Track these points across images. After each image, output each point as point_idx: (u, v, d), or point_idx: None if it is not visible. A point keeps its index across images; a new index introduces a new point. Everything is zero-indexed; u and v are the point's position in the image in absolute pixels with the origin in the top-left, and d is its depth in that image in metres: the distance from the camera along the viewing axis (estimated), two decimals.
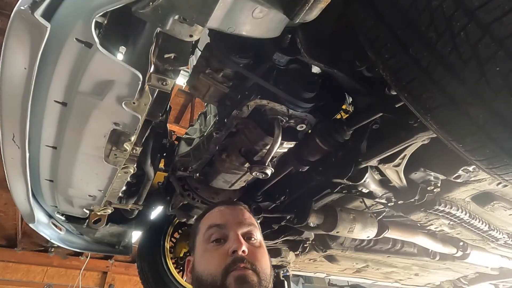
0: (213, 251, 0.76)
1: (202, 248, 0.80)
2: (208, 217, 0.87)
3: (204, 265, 0.76)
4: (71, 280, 4.95)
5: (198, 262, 0.79)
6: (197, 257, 0.81)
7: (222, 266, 0.71)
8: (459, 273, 2.48)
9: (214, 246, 0.78)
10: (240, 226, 0.81)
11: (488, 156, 0.65)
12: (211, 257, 0.76)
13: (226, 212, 0.86)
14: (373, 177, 1.30)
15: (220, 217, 0.84)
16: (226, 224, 0.80)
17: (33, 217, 1.42)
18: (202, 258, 0.79)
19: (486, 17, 0.54)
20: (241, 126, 1.26)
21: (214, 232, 0.80)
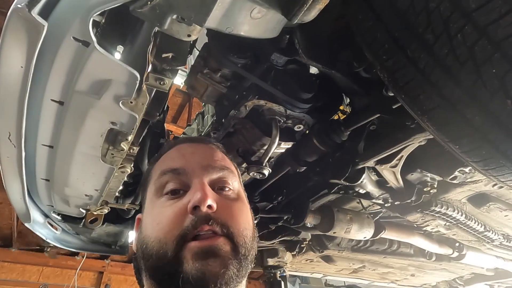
0: (166, 207, 0.52)
1: (152, 202, 0.56)
2: (163, 159, 0.62)
3: (152, 227, 0.52)
4: (67, 280, 4.92)
5: (145, 221, 0.56)
6: (145, 214, 0.57)
7: (177, 231, 0.48)
8: (455, 274, 2.49)
9: (168, 199, 0.53)
10: (207, 170, 0.56)
11: (484, 157, 0.65)
12: (161, 215, 0.51)
13: (188, 151, 0.61)
14: (370, 178, 1.30)
15: (178, 158, 0.59)
16: (186, 168, 0.55)
17: (28, 217, 1.41)
18: (149, 216, 0.55)
19: (482, 19, 0.55)
20: (238, 126, 1.26)
21: (169, 180, 0.55)
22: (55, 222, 1.68)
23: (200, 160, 0.58)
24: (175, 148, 0.63)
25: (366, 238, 1.64)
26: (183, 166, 0.56)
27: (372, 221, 1.62)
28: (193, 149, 0.62)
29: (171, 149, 0.64)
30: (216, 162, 0.59)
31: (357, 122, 1.14)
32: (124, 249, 2.12)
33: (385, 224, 1.68)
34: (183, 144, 0.64)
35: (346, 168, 1.21)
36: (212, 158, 0.60)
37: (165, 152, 0.64)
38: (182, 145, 0.64)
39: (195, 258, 0.46)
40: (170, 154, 0.63)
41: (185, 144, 0.64)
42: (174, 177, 0.55)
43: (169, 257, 0.47)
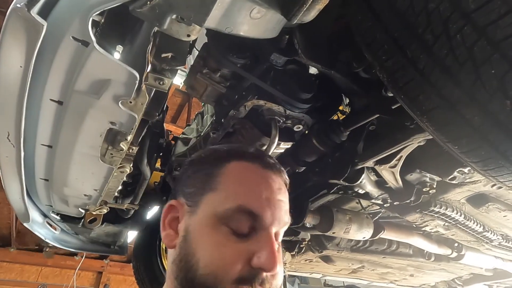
0: (230, 244, 0.51)
1: (212, 225, 0.53)
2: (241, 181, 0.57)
3: (209, 259, 0.51)
4: (66, 280, 4.91)
5: (197, 240, 0.54)
6: (197, 229, 0.54)
7: (235, 274, 0.49)
8: (453, 274, 2.50)
9: (232, 238, 0.52)
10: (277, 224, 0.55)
11: (483, 158, 0.66)
12: (224, 252, 0.51)
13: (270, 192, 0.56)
14: (369, 178, 1.30)
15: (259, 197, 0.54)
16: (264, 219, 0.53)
17: (27, 216, 1.41)
18: (206, 240, 0.53)
19: (482, 20, 0.55)
20: (238, 126, 1.26)
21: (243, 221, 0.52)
22: (54, 222, 1.68)
23: (277, 211, 0.55)
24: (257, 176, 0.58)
25: (365, 238, 1.64)
26: (262, 214, 0.53)
27: (371, 221, 1.62)
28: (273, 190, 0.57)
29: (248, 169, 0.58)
30: (286, 214, 0.58)
31: (357, 122, 1.14)
32: (123, 249, 2.12)
33: (384, 224, 1.68)
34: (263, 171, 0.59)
35: (346, 168, 1.21)
36: (285, 208, 0.58)
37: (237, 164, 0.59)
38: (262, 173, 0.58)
39: None
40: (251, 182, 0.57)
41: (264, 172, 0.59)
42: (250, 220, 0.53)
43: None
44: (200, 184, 0.58)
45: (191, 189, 0.59)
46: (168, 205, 0.61)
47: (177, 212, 0.59)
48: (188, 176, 0.62)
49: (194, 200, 0.57)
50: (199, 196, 0.57)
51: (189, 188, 0.60)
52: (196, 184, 0.59)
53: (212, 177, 0.58)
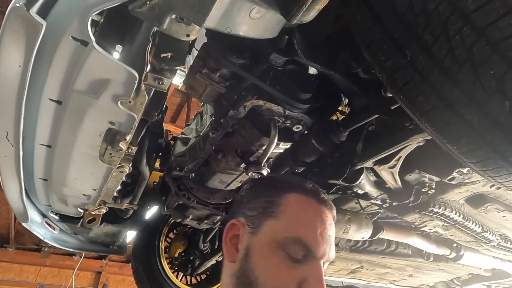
0: (284, 271, 0.60)
1: (271, 248, 0.62)
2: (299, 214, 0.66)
3: (267, 275, 0.61)
4: (65, 280, 4.91)
5: (258, 259, 0.63)
6: (258, 249, 0.64)
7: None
8: (452, 274, 2.50)
9: (288, 262, 0.61)
10: (327, 256, 0.64)
11: (482, 158, 0.66)
12: (279, 275, 0.60)
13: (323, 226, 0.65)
14: (368, 179, 1.31)
15: (314, 232, 0.64)
16: (317, 252, 0.62)
17: (26, 216, 1.41)
18: (266, 261, 0.62)
19: (481, 20, 0.55)
20: (237, 127, 1.26)
21: (298, 251, 0.61)
22: (53, 221, 1.67)
23: (328, 245, 0.64)
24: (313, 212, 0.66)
25: (364, 239, 1.64)
26: (316, 250, 0.62)
27: (370, 221, 1.62)
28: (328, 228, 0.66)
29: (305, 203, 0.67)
30: (333, 249, 0.66)
31: (356, 122, 1.14)
32: (122, 249, 2.11)
33: (383, 224, 1.68)
34: (318, 207, 0.67)
35: (345, 168, 1.21)
36: (333, 243, 0.66)
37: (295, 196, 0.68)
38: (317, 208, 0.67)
39: None
40: (307, 217, 0.66)
41: (319, 208, 0.67)
42: (303, 250, 0.61)
43: None
44: (262, 210, 0.67)
45: (252, 212, 0.69)
46: (230, 223, 0.70)
47: (238, 231, 0.68)
48: (249, 200, 0.72)
49: (255, 223, 0.67)
50: (260, 220, 0.66)
51: (251, 211, 0.69)
52: (258, 209, 0.68)
53: (274, 205, 0.67)
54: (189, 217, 1.70)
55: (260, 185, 0.75)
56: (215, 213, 1.67)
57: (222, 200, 1.68)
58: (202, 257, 2.30)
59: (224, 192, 1.68)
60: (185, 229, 2.39)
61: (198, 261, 2.33)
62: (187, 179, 1.64)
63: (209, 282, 2.48)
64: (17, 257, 4.73)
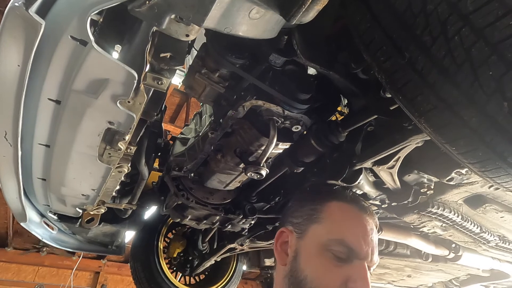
0: (330, 268, 0.66)
1: (317, 250, 0.68)
2: (343, 219, 0.72)
3: (314, 274, 0.66)
4: (63, 280, 4.90)
5: (306, 260, 0.69)
6: (305, 251, 0.70)
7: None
8: (451, 275, 2.50)
9: (333, 259, 0.66)
10: (371, 258, 0.69)
11: (480, 159, 0.66)
12: (325, 272, 0.66)
13: (364, 230, 0.71)
14: (367, 179, 1.31)
15: (360, 237, 0.69)
16: (360, 253, 0.67)
17: (24, 216, 1.40)
18: (313, 261, 0.68)
19: (480, 21, 0.55)
20: (236, 127, 1.26)
21: (341, 250, 0.67)
22: (51, 221, 1.67)
23: (370, 247, 0.69)
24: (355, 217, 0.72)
25: None
26: (358, 250, 0.67)
27: None
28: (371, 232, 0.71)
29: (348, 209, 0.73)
30: (377, 252, 0.70)
31: (355, 123, 1.14)
32: (121, 249, 2.11)
33: (382, 225, 1.68)
34: (359, 213, 0.74)
35: (344, 169, 1.21)
36: (376, 247, 0.71)
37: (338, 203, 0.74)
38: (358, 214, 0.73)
39: None
40: (351, 222, 0.72)
41: (360, 214, 0.73)
42: (347, 251, 0.66)
43: None
44: (307, 217, 0.74)
45: (298, 220, 0.76)
46: (279, 231, 0.78)
47: (287, 237, 0.75)
48: (296, 209, 0.79)
49: (301, 229, 0.74)
50: (306, 226, 0.73)
51: (297, 219, 0.76)
52: (303, 216, 0.75)
53: (317, 212, 0.73)
54: (188, 217, 1.69)
55: (304, 195, 0.83)
56: (214, 213, 1.67)
57: (221, 200, 1.68)
58: (201, 257, 2.30)
59: (223, 192, 1.68)
60: (184, 229, 2.39)
61: (197, 261, 2.33)
62: (186, 179, 1.64)
63: (208, 282, 2.48)
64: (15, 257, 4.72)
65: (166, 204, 1.74)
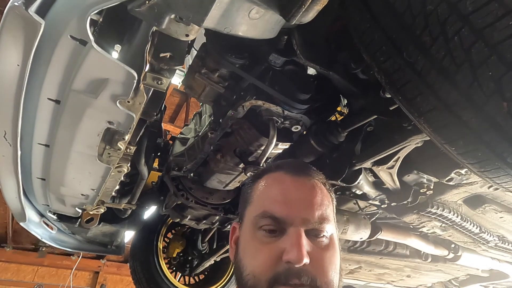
0: (262, 245, 0.57)
1: (249, 230, 0.61)
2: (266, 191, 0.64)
3: (249, 259, 0.58)
4: (62, 280, 4.89)
5: (242, 246, 0.62)
6: (242, 239, 0.63)
7: (270, 273, 0.54)
8: (450, 275, 2.50)
9: (265, 236, 0.58)
10: (305, 223, 0.58)
11: (480, 159, 0.66)
12: (258, 251, 0.57)
13: (291, 194, 0.61)
14: (366, 179, 1.31)
15: (280, 203, 0.60)
16: (286, 219, 0.57)
17: (24, 216, 1.40)
18: (247, 245, 0.60)
19: (479, 22, 0.55)
20: (236, 127, 1.25)
21: (268, 223, 0.58)
22: (50, 221, 1.67)
23: (301, 210, 0.59)
24: (279, 184, 0.63)
25: (363, 239, 1.64)
26: (283, 216, 0.58)
27: (368, 222, 1.62)
28: (296, 191, 0.61)
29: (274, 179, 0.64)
30: (315, 212, 0.59)
31: (354, 123, 1.14)
32: (120, 249, 2.11)
33: (381, 225, 1.68)
34: (288, 178, 0.63)
35: (343, 169, 1.21)
36: (313, 207, 0.60)
37: (268, 177, 0.65)
38: (286, 179, 0.63)
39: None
40: (273, 191, 0.63)
41: (289, 178, 0.63)
42: (272, 222, 0.58)
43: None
44: (243, 203, 0.68)
45: (240, 209, 0.69)
46: (232, 227, 0.71)
47: (237, 232, 0.68)
48: (240, 199, 0.72)
49: (241, 217, 0.67)
50: (243, 212, 0.66)
51: (239, 209, 0.70)
52: (241, 204, 0.69)
53: (249, 193, 0.67)
54: (187, 217, 1.70)
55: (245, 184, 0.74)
56: (214, 213, 1.67)
57: (221, 200, 1.68)
58: (200, 257, 2.30)
59: (222, 192, 1.68)
60: (184, 229, 2.39)
61: (196, 261, 2.32)
62: (185, 179, 1.64)
63: (207, 282, 2.48)
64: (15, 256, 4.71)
65: (166, 204, 1.74)
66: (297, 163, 0.68)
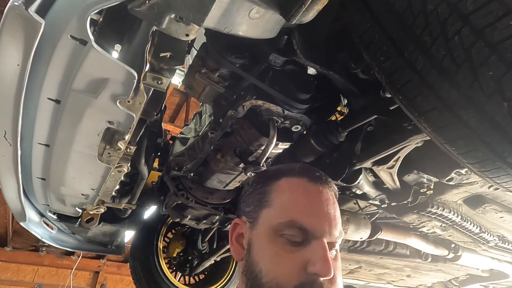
0: (286, 253, 0.57)
1: (269, 236, 0.60)
2: (291, 196, 0.63)
3: (269, 265, 0.58)
4: (62, 279, 4.89)
5: (258, 250, 0.61)
6: (257, 241, 0.62)
7: (296, 282, 0.55)
8: (450, 275, 2.50)
9: (287, 244, 0.58)
10: (330, 234, 0.59)
11: (480, 159, 0.66)
12: (281, 259, 0.57)
13: (318, 202, 0.62)
14: (367, 179, 1.31)
15: (310, 213, 0.60)
16: (315, 231, 0.58)
17: (24, 216, 1.40)
18: (266, 250, 0.60)
19: (479, 22, 0.55)
20: (236, 126, 1.25)
21: (293, 233, 0.58)
22: (50, 221, 1.67)
23: (327, 224, 0.60)
24: (305, 192, 0.63)
25: (363, 239, 1.64)
26: (312, 229, 0.59)
27: (368, 222, 1.62)
28: (321, 202, 0.62)
29: (298, 185, 0.64)
30: (337, 225, 0.61)
31: (355, 123, 1.14)
32: (120, 249, 2.11)
33: (381, 225, 1.68)
34: (312, 187, 0.64)
35: (343, 169, 1.21)
36: (336, 219, 0.62)
37: (287, 180, 0.65)
38: (311, 188, 0.64)
39: None
40: (300, 198, 0.62)
41: (314, 188, 0.64)
42: (301, 233, 0.58)
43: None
44: (257, 202, 0.66)
45: (250, 207, 0.67)
46: (233, 223, 0.69)
47: (242, 229, 0.67)
48: (247, 197, 0.71)
49: (253, 216, 0.65)
50: (257, 213, 0.65)
51: (249, 207, 0.68)
52: (253, 203, 0.67)
53: (266, 194, 0.65)
54: (187, 217, 1.69)
55: (254, 181, 0.73)
56: (214, 213, 1.67)
57: (221, 200, 1.68)
58: (200, 257, 2.30)
59: (222, 192, 1.68)
60: (184, 229, 2.39)
61: (196, 261, 2.32)
62: (185, 179, 1.64)
63: (208, 282, 2.48)
64: (15, 256, 4.71)
65: (166, 203, 1.74)
66: (316, 171, 0.68)
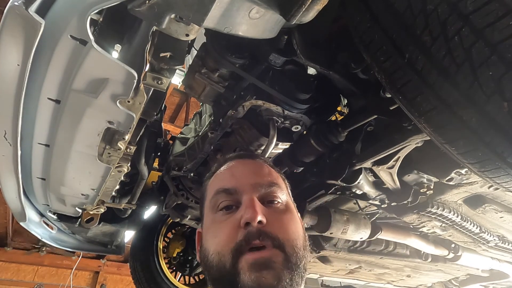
0: (221, 222, 0.58)
1: (209, 218, 0.62)
2: (216, 177, 0.68)
3: (211, 240, 0.58)
4: (62, 279, 4.89)
5: (205, 235, 0.62)
6: (204, 229, 0.64)
7: (232, 244, 0.53)
8: (450, 275, 2.50)
9: (223, 215, 0.59)
10: (256, 188, 0.61)
11: (480, 159, 0.66)
12: (218, 229, 0.58)
13: (238, 170, 0.66)
14: (367, 179, 1.31)
15: (229, 177, 0.64)
16: (237, 188, 0.60)
17: (24, 216, 1.40)
18: (208, 230, 0.61)
19: (480, 22, 0.55)
20: (236, 127, 1.26)
21: (222, 199, 0.61)
22: (50, 221, 1.67)
23: (249, 178, 0.63)
24: (226, 167, 0.68)
25: (363, 239, 1.64)
26: (234, 186, 0.62)
27: (368, 222, 1.62)
28: (242, 166, 0.67)
29: (223, 167, 0.69)
30: (264, 178, 0.63)
31: (355, 123, 1.14)
32: (120, 249, 2.11)
33: (381, 225, 1.68)
34: (233, 162, 0.69)
35: (343, 169, 1.21)
36: (260, 175, 0.64)
37: (217, 170, 0.70)
38: (232, 163, 0.69)
39: (250, 270, 0.50)
40: (222, 173, 0.68)
41: (235, 161, 0.69)
42: (226, 196, 0.61)
43: (228, 268, 0.52)
44: (201, 203, 0.70)
45: (200, 211, 0.71)
46: (197, 232, 0.71)
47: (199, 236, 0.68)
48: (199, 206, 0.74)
49: (201, 215, 0.68)
50: (201, 210, 0.69)
51: (199, 211, 0.71)
52: (200, 206, 0.71)
53: (203, 192, 0.70)
54: (187, 216, 1.70)
55: None
56: None
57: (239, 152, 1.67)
58: None
59: None
60: (184, 229, 2.39)
61: (196, 261, 2.32)
62: (185, 179, 1.64)
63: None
64: (15, 256, 4.71)
65: (166, 203, 1.74)
66: (243, 152, 0.74)
